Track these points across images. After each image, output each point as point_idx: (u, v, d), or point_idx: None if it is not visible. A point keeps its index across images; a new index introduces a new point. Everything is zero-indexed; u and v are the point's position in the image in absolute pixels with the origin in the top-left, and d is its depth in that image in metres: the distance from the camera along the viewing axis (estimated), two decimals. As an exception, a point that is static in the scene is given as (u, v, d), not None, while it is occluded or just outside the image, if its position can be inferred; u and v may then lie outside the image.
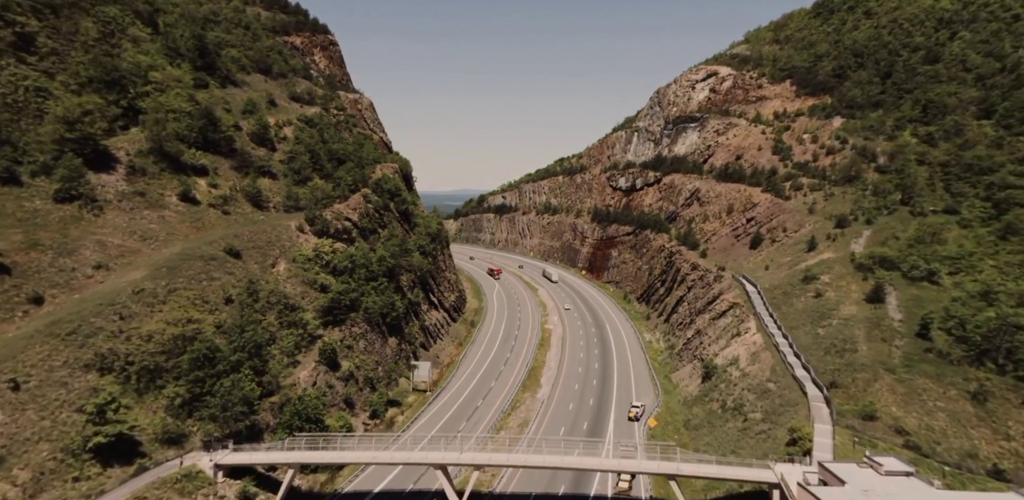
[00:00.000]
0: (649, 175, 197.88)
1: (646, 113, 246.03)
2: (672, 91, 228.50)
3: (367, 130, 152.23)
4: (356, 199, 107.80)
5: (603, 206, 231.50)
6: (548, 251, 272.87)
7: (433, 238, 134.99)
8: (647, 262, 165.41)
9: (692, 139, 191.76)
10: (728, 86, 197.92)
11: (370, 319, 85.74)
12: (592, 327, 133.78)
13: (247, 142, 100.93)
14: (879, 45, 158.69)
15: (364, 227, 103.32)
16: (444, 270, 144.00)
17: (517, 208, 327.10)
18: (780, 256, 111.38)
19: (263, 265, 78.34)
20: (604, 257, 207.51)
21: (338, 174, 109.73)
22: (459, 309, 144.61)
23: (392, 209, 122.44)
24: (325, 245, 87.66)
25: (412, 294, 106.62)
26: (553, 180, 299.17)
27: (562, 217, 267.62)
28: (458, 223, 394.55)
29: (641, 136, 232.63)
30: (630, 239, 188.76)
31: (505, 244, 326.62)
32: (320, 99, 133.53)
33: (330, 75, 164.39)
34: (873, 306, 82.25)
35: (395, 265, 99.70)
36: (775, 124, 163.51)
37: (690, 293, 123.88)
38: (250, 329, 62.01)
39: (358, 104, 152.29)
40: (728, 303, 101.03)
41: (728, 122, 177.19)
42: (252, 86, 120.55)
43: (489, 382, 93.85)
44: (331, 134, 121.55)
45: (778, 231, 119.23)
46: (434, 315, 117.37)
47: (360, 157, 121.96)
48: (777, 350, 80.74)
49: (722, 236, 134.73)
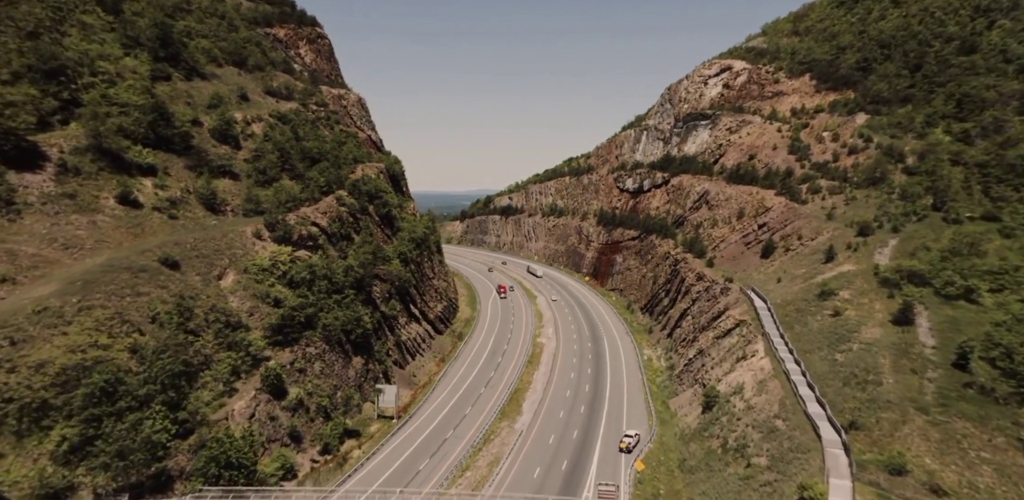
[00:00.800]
0: (657, 176, 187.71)
1: (656, 111, 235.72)
2: (684, 87, 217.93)
3: (353, 128, 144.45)
4: (328, 202, 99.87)
5: (609, 208, 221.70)
6: (553, 255, 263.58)
7: (418, 244, 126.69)
8: (652, 270, 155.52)
9: (703, 138, 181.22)
10: (743, 81, 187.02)
11: (330, 337, 77.46)
12: (588, 342, 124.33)
13: (207, 139, 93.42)
14: (908, 35, 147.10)
15: (334, 233, 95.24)
16: (432, 277, 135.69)
17: (523, 210, 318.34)
18: (794, 267, 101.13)
19: (206, 277, 70.36)
20: (609, 263, 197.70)
21: (310, 174, 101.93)
22: (447, 319, 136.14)
23: (372, 212, 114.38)
24: (283, 253, 79.63)
25: (386, 307, 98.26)
26: (560, 181, 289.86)
27: (568, 219, 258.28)
28: (464, 225, 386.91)
29: (650, 135, 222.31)
30: (635, 244, 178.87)
31: (511, 247, 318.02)
32: (299, 94, 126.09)
33: (316, 69, 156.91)
34: (901, 329, 72.04)
35: (366, 275, 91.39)
36: (792, 121, 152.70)
37: (694, 306, 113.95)
38: (167, 355, 53.88)
39: (343, 100, 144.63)
40: (734, 320, 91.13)
41: (741, 119, 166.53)
42: (223, 79, 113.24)
43: (465, 407, 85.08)
44: (307, 131, 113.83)
45: (792, 239, 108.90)
46: (414, 329, 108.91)
47: (338, 156, 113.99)
48: (787, 379, 70.93)
49: (731, 243, 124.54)
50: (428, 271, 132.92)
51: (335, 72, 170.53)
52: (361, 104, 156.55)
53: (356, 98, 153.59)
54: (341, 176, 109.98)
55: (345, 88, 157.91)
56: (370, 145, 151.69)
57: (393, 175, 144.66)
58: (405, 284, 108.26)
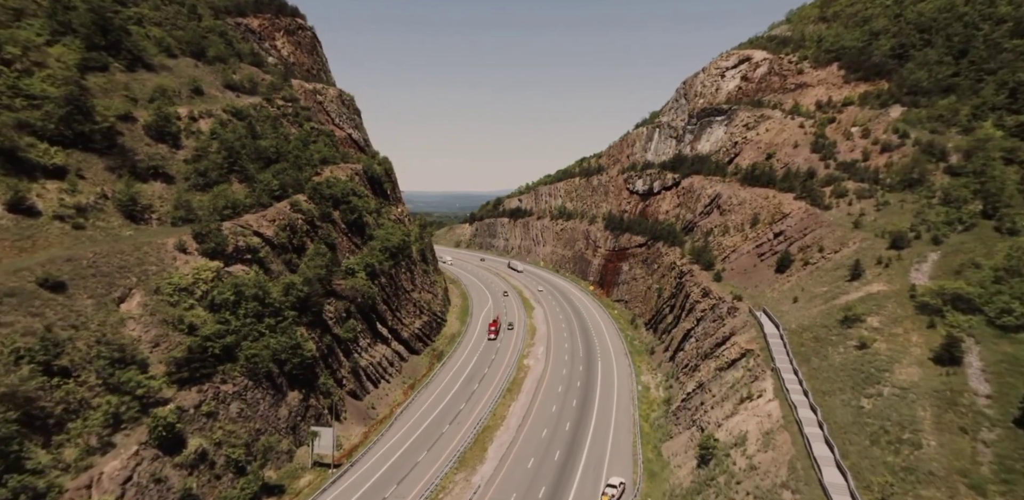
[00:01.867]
0: (668, 177, 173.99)
1: (670, 107, 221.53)
2: (700, 81, 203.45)
3: (328, 125, 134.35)
4: (279, 208, 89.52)
5: (618, 211, 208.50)
6: (560, 261, 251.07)
7: (393, 253, 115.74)
8: (657, 281, 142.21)
9: (718, 135, 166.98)
10: (763, 72, 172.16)
11: (255, 370, 66.65)
12: (580, 365, 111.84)
13: (141, 137, 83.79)
14: (952, 17, 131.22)
15: (282, 244, 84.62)
16: (411, 290, 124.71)
17: (532, 212, 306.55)
18: (813, 284, 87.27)
19: (102, 300, 60.12)
20: (615, 271, 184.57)
21: (262, 177, 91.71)
22: (428, 337, 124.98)
23: (337, 219, 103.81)
24: (207, 269, 69.12)
25: (341, 328, 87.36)
26: (569, 182, 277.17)
27: (576, 223, 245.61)
28: (473, 228, 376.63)
29: (663, 133, 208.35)
30: (642, 252, 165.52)
31: (518, 251, 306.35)
32: (264, 88, 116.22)
33: (294, 63, 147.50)
34: (945, 370, 58.37)
35: (313, 293, 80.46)
36: (817, 115, 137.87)
37: (698, 327, 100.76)
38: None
39: (319, 95, 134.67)
40: (740, 349, 77.93)
41: (760, 114, 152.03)
42: (175, 71, 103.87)
43: (420, 451, 73.73)
44: (265, 129, 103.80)
45: (812, 250, 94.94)
46: (379, 352, 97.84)
47: (299, 157, 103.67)
48: (800, 431, 57.91)
49: (743, 254, 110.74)
50: (406, 283, 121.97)
51: (318, 66, 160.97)
52: (342, 100, 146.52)
53: (335, 94, 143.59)
54: (302, 179, 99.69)
55: (324, 83, 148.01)
56: (349, 144, 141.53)
57: (373, 177, 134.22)
58: (370, 301, 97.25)
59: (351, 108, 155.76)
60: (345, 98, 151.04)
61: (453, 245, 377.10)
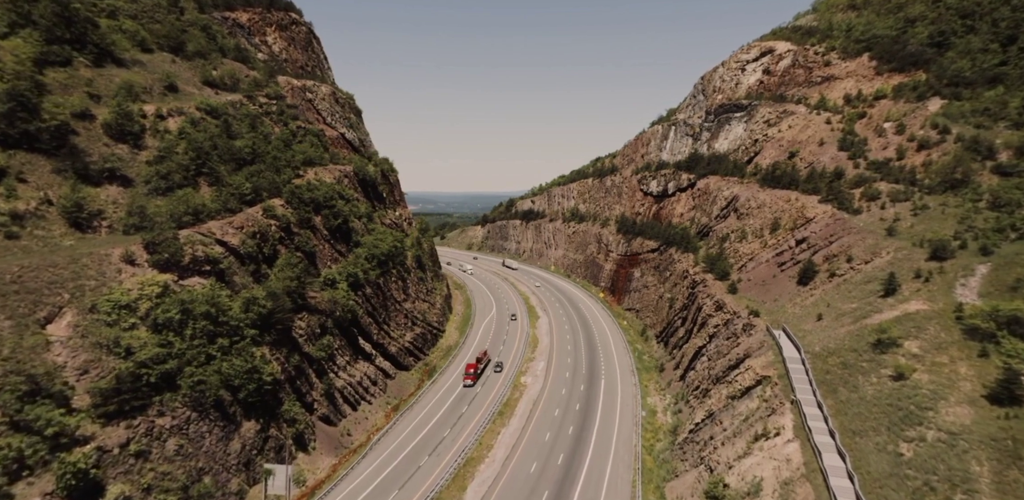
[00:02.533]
0: (683, 178, 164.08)
1: (688, 103, 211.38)
2: (719, 75, 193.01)
3: (319, 124, 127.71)
4: (250, 214, 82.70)
5: (632, 214, 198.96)
6: (571, 265, 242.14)
7: (382, 261, 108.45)
8: (669, 290, 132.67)
9: (736, 132, 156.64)
10: (786, 65, 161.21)
11: (201, 399, 59.55)
12: (582, 383, 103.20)
13: (99, 136, 77.73)
14: (999, 1, 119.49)
15: (249, 253, 77.62)
16: (403, 300, 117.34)
17: (545, 214, 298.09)
18: (841, 300, 77.40)
19: (23, 321, 53.59)
20: (626, 278, 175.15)
21: (234, 180, 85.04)
22: (421, 350, 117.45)
23: (319, 225, 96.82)
24: (154, 284, 62.32)
25: (313, 346, 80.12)
26: (583, 183, 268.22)
27: (588, 226, 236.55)
28: (485, 230, 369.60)
29: (679, 130, 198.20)
30: (654, 258, 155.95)
31: (530, 254, 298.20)
32: (246, 85, 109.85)
33: (286, 59, 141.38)
34: (1004, 412, 48.78)
35: (278, 308, 73.19)
36: (845, 110, 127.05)
37: (711, 344, 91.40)
38: None
39: (309, 93, 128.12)
40: (755, 375, 68.65)
41: (783, 109, 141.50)
42: (149, 67, 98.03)
43: (391, 491, 66.05)
44: (242, 128, 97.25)
45: (840, 260, 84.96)
46: (360, 370, 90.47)
47: (277, 157, 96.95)
48: (826, 483, 48.81)
49: (761, 263, 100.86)
50: (397, 293, 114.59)
51: (313, 63, 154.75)
52: (335, 98, 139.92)
53: (328, 91, 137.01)
54: (279, 181, 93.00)
55: (318, 80, 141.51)
56: (341, 145, 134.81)
57: (365, 179, 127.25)
58: (349, 314, 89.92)
59: (346, 107, 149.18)
60: (340, 96, 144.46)
61: (465, 247, 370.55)
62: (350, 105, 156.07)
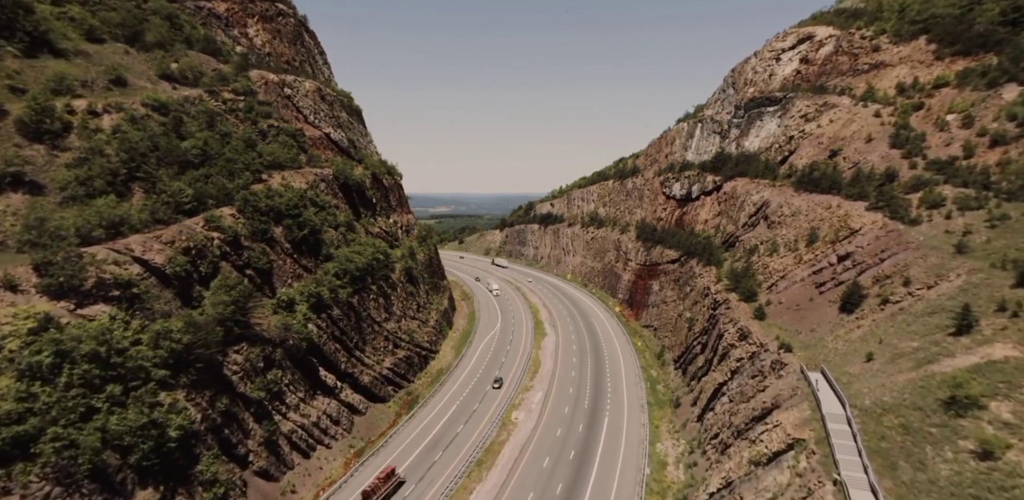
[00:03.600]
0: (708, 180, 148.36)
1: (716, 98, 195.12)
2: (751, 67, 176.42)
3: (299, 123, 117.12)
4: (188, 225, 71.92)
5: (653, 219, 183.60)
6: (589, 274, 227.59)
7: (359, 277, 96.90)
8: (689, 307, 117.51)
9: (769, 129, 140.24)
10: (827, 52, 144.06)
11: (71, 470, 47.83)
12: (582, 421, 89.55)
13: (10, 135, 68.17)
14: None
15: (178, 273, 66.37)
16: (385, 320, 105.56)
17: (564, 218, 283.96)
18: (897, 335, 61.97)
19: None
20: (644, 290, 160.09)
21: (172, 186, 74.32)
22: (406, 375, 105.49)
23: (279, 237, 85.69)
24: (27, 316, 51.51)
25: (251, 385, 68.50)
26: (603, 185, 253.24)
27: (607, 231, 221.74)
28: (503, 234, 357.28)
29: (705, 128, 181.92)
30: (675, 269, 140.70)
31: (547, 261, 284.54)
32: (209, 79, 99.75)
33: (269, 53, 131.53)
34: None
35: (199, 342, 61.57)
36: (898, 101, 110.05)
37: (733, 382, 76.63)
38: None
39: (288, 89, 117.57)
40: (785, 437, 54.03)
41: (823, 102, 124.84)
42: (95, 58, 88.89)
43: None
44: (196, 126, 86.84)
45: (894, 283, 69.30)
46: (318, 407, 78.70)
47: (232, 159, 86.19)
48: None
49: (795, 282, 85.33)
50: (376, 312, 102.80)
51: (302, 58, 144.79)
52: (321, 95, 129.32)
53: (312, 87, 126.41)
54: (233, 187, 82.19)
55: (304, 76, 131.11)
56: (325, 146, 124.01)
57: (348, 184, 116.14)
58: (303, 343, 78.24)
59: (336, 105, 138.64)
60: (327, 93, 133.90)
61: (483, 252, 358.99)
62: (342, 103, 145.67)
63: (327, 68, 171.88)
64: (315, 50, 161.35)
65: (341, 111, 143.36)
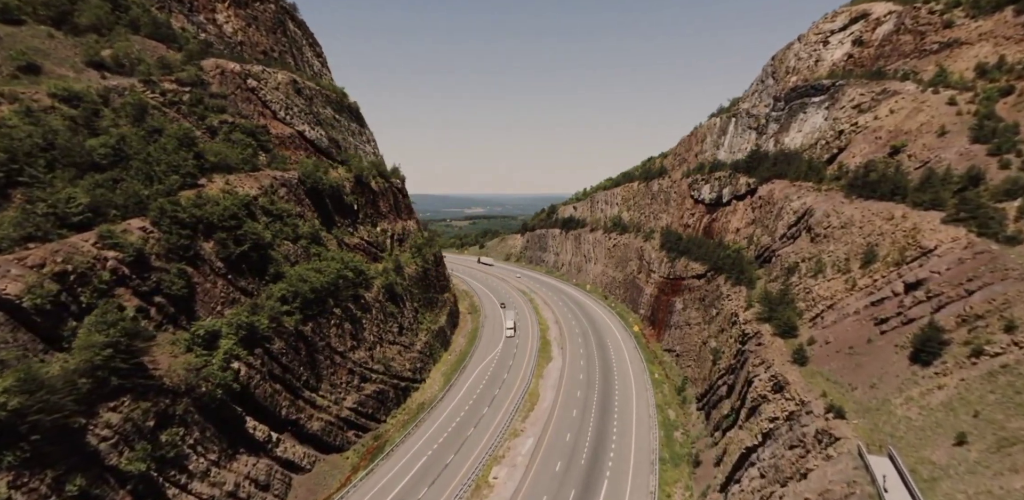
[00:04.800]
0: (740, 182, 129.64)
1: (754, 89, 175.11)
2: (794, 53, 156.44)
3: (264, 119, 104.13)
4: (69, 245, 58.51)
5: (680, 226, 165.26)
6: (610, 284, 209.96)
7: (315, 300, 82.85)
8: (714, 334, 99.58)
9: (814, 122, 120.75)
10: (887, 31, 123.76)
11: None
12: (574, 486, 73.10)
13: None
14: None
15: (39, 308, 52.50)
16: (351, 350, 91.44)
17: (585, 223, 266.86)
18: (1003, 406, 43.87)
19: None
20: (667, 307, 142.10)
21: (62, 193, 61.26)
22: (376, 414, 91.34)
23: (208, 255, 72.17)
24: None
25: (130, 455, 53.81)
26: (627, 187, 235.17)
27: (630, 238, 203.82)
28: (524, 239, 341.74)
29: (740, 123, 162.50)
30: (700, 286, 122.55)
31: (568, 269, 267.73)
32: (147, 66, 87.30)
33: (243, 42, 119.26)
34: None
35: (39, 405, 47.44)
36: (979, 85, 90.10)
37: (765, 450, 59.16)
38: None
39: (252, 80, 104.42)
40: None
41: (881, 89, 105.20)
42: (9, 42, 77.94)
43: None
44: (112, 122, 74.17)
45: (990, 326, 50.91)
46: (239, 471, 64.57)
47: (151, 161, 73.02)
48: None
49: (847, 315, 67.06)
50: (339, 341, 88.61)
51: (283, 48, 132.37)
52: (296, 89, 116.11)
53: (285, 80, 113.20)
54: (150, 194, 69.05)
55: (285, 68, 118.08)
56: (298, 145, 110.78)
57: (320, 189, 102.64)
58: (217, 389, 63.92)
59: (316, 100, 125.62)
60: (304, 87, 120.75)
61: (503, 258, 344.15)
62: (327, 99, 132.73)
63: (319, 61, 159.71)
64: (303, 41, 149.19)
65: (324, 107, 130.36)
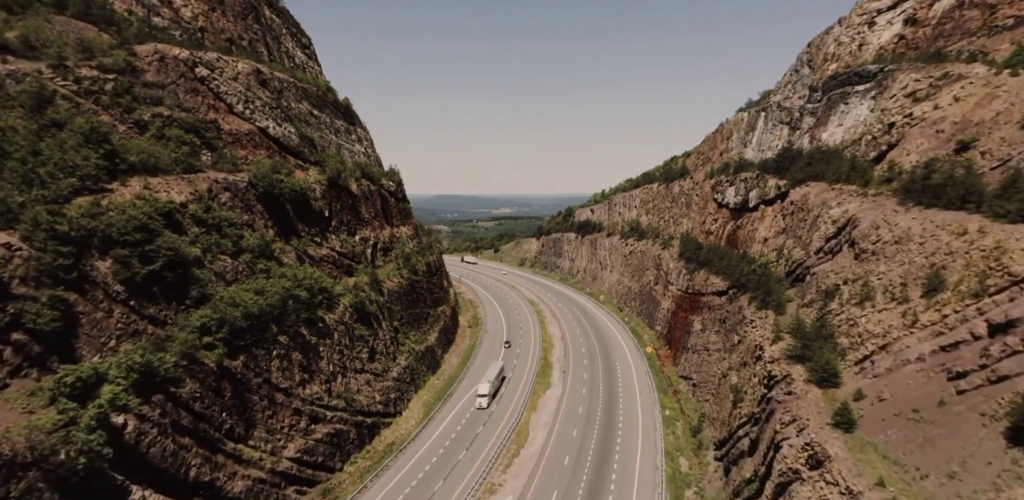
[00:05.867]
0: (769, 184, 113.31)
1: (787, 80, 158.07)
2: (833, 38, 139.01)
3: (215, 113, 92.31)
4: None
5: (700, 232, 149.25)
6: (625, 295, 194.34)
7: (247, 328, 70.14)
8: (736, 367, 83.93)
9: (858, 114, 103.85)
10: (947, 7, 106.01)
11: None
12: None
13: None
14: None
15: None
16: (301, 384, 78.76)
17: (602, 227, 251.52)
18: None
19: None
20: (685, 326, 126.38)
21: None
22: (325, 463, 78.35)
23: (104, 277, 60.05)
24: None
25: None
26: (647, 189, 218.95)
27: (648, 245, 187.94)
28: (539, 243, 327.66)
29: (770, 117, 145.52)
30: (720, 305, 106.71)
31: (583, 276, 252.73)
32: (59, 49, 75.71)
33: (203, 28, 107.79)
34: None
35: None
36: (1069, 65, 73.04)
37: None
38: None
39: (203, 68, 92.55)
40: None
41: (942, 73, 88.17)
42: None
43: None
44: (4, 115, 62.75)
45: None
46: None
47: (33, 161, 61.18)
48: None
49: (908, 361, 51.27)
50: (282, 376, 75.82)
51: (254, 36, 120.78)
52: (260, 80, 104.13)
53: (246, 69, 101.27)
54: (26, 200, 57.19)
55: (246, 56, 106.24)
56: (258, 144, 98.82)
57: (278, 193, 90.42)
58: (84, 457, 51.29)
59: (288, 94, 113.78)
60: (271, 78, 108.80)
61: (518, 263, 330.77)
62: (304, 93, 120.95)
63: (305, 53, 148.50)
64: (283, 30, 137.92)
65: (299, 101, 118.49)
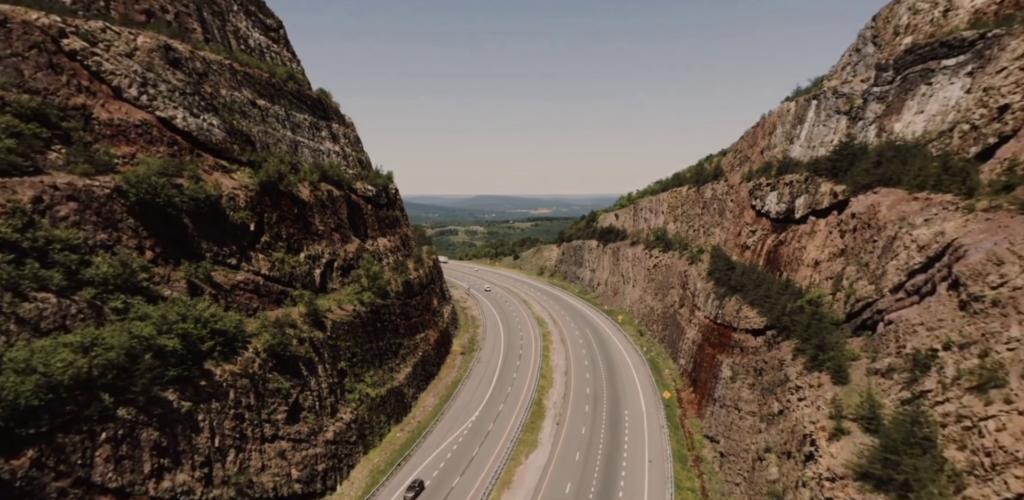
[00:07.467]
0: (822, 190, 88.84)
1: (844, 62, 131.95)
2: (907, 6, 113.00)
3: (94, 98, 73.87)
4: None
5: (734, 246, 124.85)
6: (647, 316, 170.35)
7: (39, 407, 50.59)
8: (775, 447, 60.55)
9: (947, 96, 78.79)
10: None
11: None
12: None
13: None
14: None
15: None
16: (150, 478, 59.00)
17: (626, 235, 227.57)
18: None
19: None
20: (711, 366, 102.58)
21: None
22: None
23: None
24: None
25: None
26: (675, 192, 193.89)
27: (673, 258, 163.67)
28: (560, 251, 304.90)
29: (824, 105, 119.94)
30: (755, 348, 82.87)
31: (604, 289, 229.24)
32: None
33: (162, 8, 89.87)
34: None
35: None
36: None
37: None
38: None
39: (73, 40, 74.19)
40: None
41: (1074, 34, 63.00)
42: None
43: None
44: None
45: None
46: None
47: None
48: None
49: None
50: (114, 474, 56.04)
51: (184, 10, 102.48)
52: (170, 60, 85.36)
53: (149, 45, 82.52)
54: None
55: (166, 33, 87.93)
56: (157, 138, 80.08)
57: (167, 204, 71.40)
58: None
59: (215, 78, 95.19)
60: (187, 58, 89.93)
61: (537, 273, 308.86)
62: (246, 78, 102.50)
63: (268, 37, 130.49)
64: (235, 6, 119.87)
65: (238, 89, 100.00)
